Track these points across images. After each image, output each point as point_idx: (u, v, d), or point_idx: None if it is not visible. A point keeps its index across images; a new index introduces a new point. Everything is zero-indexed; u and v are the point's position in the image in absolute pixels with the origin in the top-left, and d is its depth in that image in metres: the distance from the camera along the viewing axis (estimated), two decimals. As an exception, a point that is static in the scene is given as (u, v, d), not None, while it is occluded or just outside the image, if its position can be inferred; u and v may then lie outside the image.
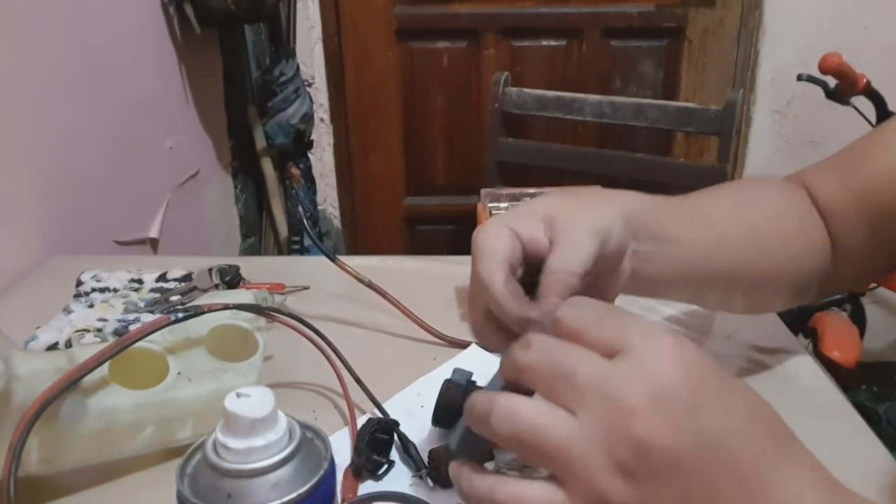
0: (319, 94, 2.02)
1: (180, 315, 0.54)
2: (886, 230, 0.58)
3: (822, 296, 0.63)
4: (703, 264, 0.55)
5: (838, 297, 1.67)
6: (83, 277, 0.83)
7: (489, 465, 0.52)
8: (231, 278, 0.79)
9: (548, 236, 0.45)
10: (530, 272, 0.46)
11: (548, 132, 1.79)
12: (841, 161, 0.62)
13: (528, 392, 0.36)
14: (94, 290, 0.81)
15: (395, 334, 0.76)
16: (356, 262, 0.78)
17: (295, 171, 1.88)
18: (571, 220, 0.45)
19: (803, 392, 0.65)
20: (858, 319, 1.72)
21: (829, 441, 0.60)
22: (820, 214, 0.60)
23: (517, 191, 0.80)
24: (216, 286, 0.78)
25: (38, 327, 0.73)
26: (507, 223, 0.45)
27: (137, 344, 0.52)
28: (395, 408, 0.63)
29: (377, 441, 0.57)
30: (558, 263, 0.43)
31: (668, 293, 0.57)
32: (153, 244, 1.31)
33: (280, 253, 1.88)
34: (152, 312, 0.76)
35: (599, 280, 0.48)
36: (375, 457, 0.57)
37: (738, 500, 0.31)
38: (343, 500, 0.53)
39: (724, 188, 0.62)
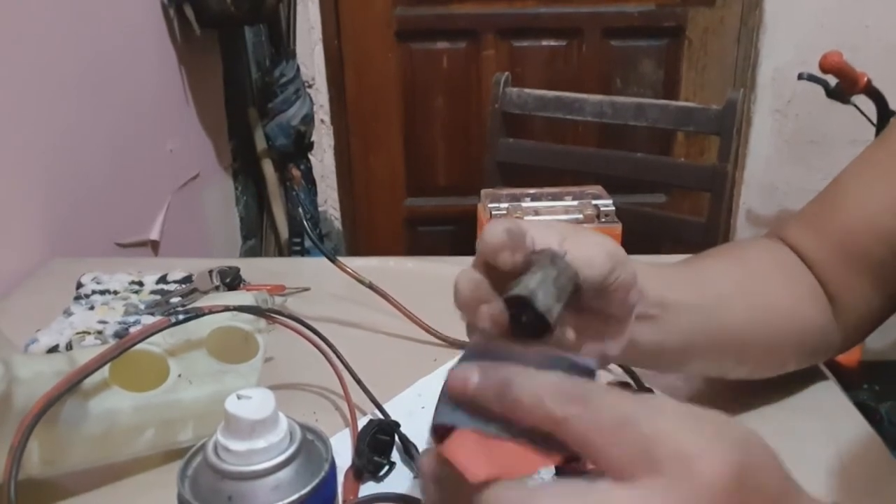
0: (320, 95, 2.02)
1: (181, 317, 0.54)
2: (877, 273, 0.58)
3: (838, 352, 0.63)
4: (707, 329, 0.54)
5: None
6: (84, 280, 0.83)
7: None
8: (231, 280, 0.79)
9: (559, 245, 0.43)
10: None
11: (548, 132, 1.79)
12: (812, 216, 0.63)
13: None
14: (94, 292, 0.81)
15: (396, 335, 0.76)
16: (357, 263, 0.78)
17: (295, 172, 1.88)
18: (586, 238, 0.43)
19: (805, 392, 0.65)
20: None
21: (831, 441, 0.60)
22: (809, 269, 0.61)
23: (518, 191, 0.80)
24: (217, 288, 0.78)
25: (38, 330, 0.73)
26: (518, 222, 0.43)
27: (138, 346, 0.52)
28: (395, 409, 0.63)
29: (378, 442, 0.57)
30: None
31: (681, 365, 0.57)
32: (154, 246, 1.31)
33: (280, 254, 1.88)
34: (153, 314, 0.76)
35: (605, 329, 0.46)
36: (376, 458, 0.57)
37: None
38: (344, 502, 0.53)
39: (717, 253, 0.62)
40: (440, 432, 0.32)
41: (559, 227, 0.43)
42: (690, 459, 0.28)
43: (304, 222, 1.85)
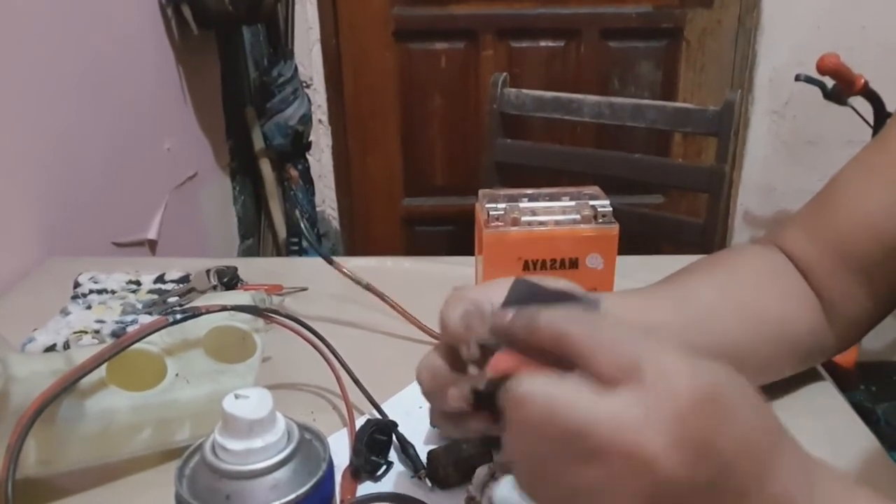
0: (318, 95, 2.02)
1: (178, 316, 0.54)
2: (872, 275, 0.58)
3: (833, 353, 0.63)
4: (698, 344, 0.54)
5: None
6: (81, 279, 0.83)
7: (483, 469, 0.52)
8: (229, 279, 0.79)
9: None
10: None
11: (546, 133, 1.79)
12: (807, 219, 0.63)
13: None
14: (91, 291, 0.81)
15: (394, 335, 0.76)
16: (354, 263, 0.78)
17: (293, 172, 1.88)
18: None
19: (802, 392, 0.65)
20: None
21: (828, 441, 0.60)
22: (801, 273, 0.61)
23: (515, 192, 0.80)
24: (214, 287, 0.78)
25: (35, 329, 0.73)
26: (472, 294, 0.44)
27: (135, 345, 0.52)
28: (393, 409, 0.63)
29: (376, 442, 0.57)
30: None
31: None
32: (151, 246, 1.31)
33: (278, 254, 1.88)
34: (150, 314, 0.76)
35: None
36: (374, 458, 0.57)
37: None
38: (342, 502, 0.53)
39: (703, 266, 0.62)
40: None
41: None
42: (670, 375, 0.32)
43: (302, 223, 1.85)
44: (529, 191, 0.79)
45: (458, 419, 0.42)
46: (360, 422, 0.60)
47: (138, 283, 0.83)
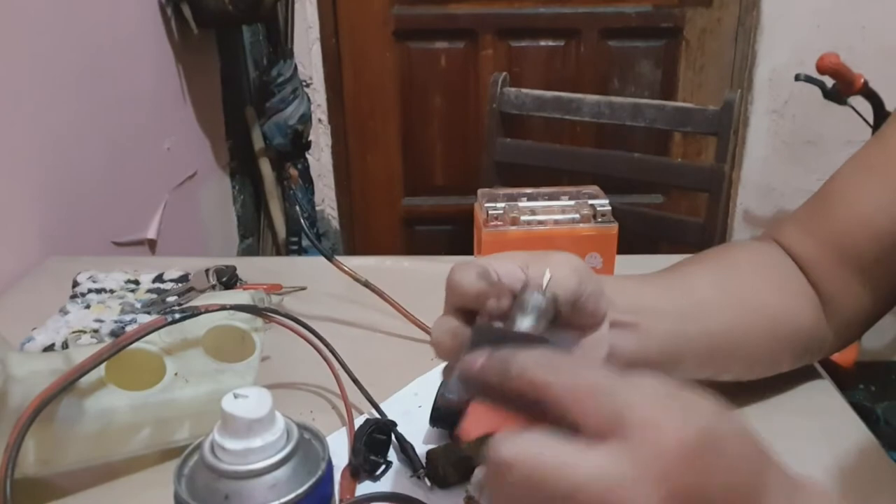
0: (317, 94, 2.02)
1: (177, 316, 0.54)
2: (871, 272, 0.58)
3: (831, 351, 0.63)
4: (691, 333, 0.54)
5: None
6: (80, 278, 0.83)
7: (482, 469, 0.52)
8: (228, 279, 0.79)
9: (524, 273, 0.43)
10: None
11: (546, 132, 1.79)
12: (805, 217, 0.63)
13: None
14: (90, 290, 0.81)
15: (393, 334, 0.76)
16: (354, 262, 0.78)
17: (293, 171, 1.88)
18: (548, 259, 0.44)
19: (801, 392, 0.65)
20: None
21: (827, 441, 0.60)
22: (801, 270, 0.61)
23: (515, 191, 0.80)
24: (213, 287, 0.78)
25: (34, 328, 0.73)
26: (478, 261, 0.44)
27: (134, 345, 0.52)
28: (392, 408, 0.63)
29: (375, 441, 0.57)
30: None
31: (670, 370, 0.55)
32: (150, 245, 1.31)
33: (278, 253, 1.88)
34: (149, 313, 0.76)
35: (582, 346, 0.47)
36: (373, 457, 0.57)
37: None
38: (341, 501, 0.53)
39: (702, 258, 0.62)
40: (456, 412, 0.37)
41: (518, 256, 0.44)
42: (656, 426, 0.31)
43: (302, 221, 1.85)
44: (529, 190, 0.79)
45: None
46: (359, 421, 0.60)
47: (137, 282, 0.83)
